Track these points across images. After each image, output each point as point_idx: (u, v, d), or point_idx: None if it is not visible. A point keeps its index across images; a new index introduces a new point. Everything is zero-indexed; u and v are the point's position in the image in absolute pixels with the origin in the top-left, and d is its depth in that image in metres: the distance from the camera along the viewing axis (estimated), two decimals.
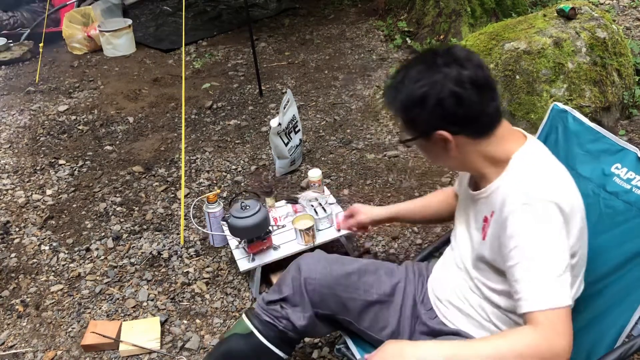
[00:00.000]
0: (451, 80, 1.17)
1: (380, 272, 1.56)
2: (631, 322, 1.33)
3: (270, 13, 5.46)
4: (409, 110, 1.22)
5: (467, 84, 1.17)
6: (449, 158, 1.26)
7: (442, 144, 1.23)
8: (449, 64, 1.18)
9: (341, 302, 1.51)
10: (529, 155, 1.23)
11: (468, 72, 1.18)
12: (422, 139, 1.26)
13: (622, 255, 1.39)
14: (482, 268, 1.30)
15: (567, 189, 1.21)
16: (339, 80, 4.02)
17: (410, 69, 1.22)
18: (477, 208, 1.33)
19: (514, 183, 1.19)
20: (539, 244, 1.12)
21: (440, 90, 1.16)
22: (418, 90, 1.18)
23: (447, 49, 1.22)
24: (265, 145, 3.26)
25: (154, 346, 2.03)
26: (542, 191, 1.15)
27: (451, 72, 1.17)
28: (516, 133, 1.29)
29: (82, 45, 4.83)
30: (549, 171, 1.22)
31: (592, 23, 3.24)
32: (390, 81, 1.27)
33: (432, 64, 1.19)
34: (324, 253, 1.59)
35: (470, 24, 4.30)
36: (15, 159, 3.29)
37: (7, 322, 2.19)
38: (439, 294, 1.45)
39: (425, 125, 1.21)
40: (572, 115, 1.60)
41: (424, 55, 1.24)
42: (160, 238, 2.57)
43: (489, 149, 1.24)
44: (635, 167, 1.44)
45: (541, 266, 1.11)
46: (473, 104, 1.18)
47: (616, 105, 3.23)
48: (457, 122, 1.19)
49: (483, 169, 1.27)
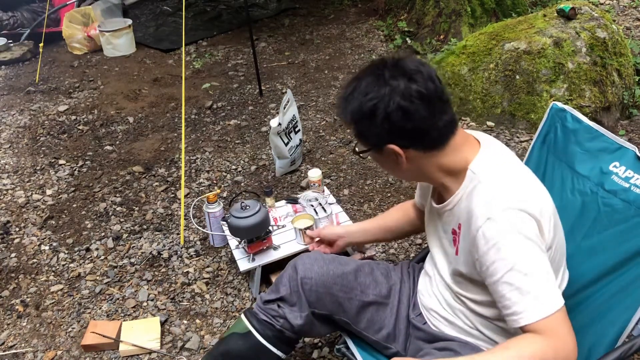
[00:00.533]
0: (398, 94, 1.14)
1: (376, 273, 1.56)
2: (631, 322, 1.33)
3: (270, 13, 5.46)
4: (359, 123, 1.20)
5: (415, 98, 1.14)
6: (402, 171, 1.24)
7: (393, 157, 1.21)
8: (396, 77, 1.15)
9: (338, 302, 1.51)
10: (485, 164, 1.20)
11: (416, 86, 1.15)
12: (374, 152, 1.24)
13: (621, 255, 1.39)
14: (461, 282, 1.28)
15: (531, 192, 1.18)
16: (339, 80, 4.02)
17: (361, 80, 1.20)
18: (443, 220, 1.31)
19: (476, 196, 1.16)
20: (515, 254, 1.09)
21: (388, 104, 1.14)
22: (367, 104, 1.16)
23: (396, 61, 1.19)
24: (265, 145, 3.26)
25: (154, 346, 2.03)
26: (505, 201, 1.12)
27: (399, 85, 1.14)
28: (471, 140, 1.25)
29: (82, 45, 4.83)
30: (508, 178, 1.18)
31: (592, 23, 3.24)
32: (342, 92, 1.24)
33: (380, 77, 1.17)
34: (321, 253, 1.59)
35: (470, 24, 4.30)
36: (15, 159, 3.29)
37: (7, 322, 2.19)
38: (425, 303, 1.44)
39: (376, 138, 1.20)
40: (570, 114, 1.60)
41: (373, 67, 1.21)
42: (160, 238, 2.58)
43: (444, 160, 1.21)
44: (634, 165, 1.44)
45: (524, 277, 1.08)
46: (421, 118, 1.15)
47: (616, 105, 3.23)
48: (406, 136, 1.17)
49: (441, 180, 1.25)
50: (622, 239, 1.40)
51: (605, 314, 1.39)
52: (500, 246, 1.09)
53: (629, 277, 1.37)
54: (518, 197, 1.13)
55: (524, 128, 3.18)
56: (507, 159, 1.24)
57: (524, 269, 1.08)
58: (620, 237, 1.40)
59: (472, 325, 1.32)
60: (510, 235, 1.09)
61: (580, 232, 1.48)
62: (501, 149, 1.27)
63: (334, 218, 2.29)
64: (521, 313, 1.08)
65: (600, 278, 1.41)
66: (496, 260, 1.10)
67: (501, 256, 1.09)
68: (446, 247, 1.32)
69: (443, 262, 1.35)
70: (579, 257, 1.47)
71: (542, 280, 1.08)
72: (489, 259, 1.12)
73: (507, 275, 1.09)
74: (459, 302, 1.32)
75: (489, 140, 1.27)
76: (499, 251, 1.10)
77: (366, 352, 1.55)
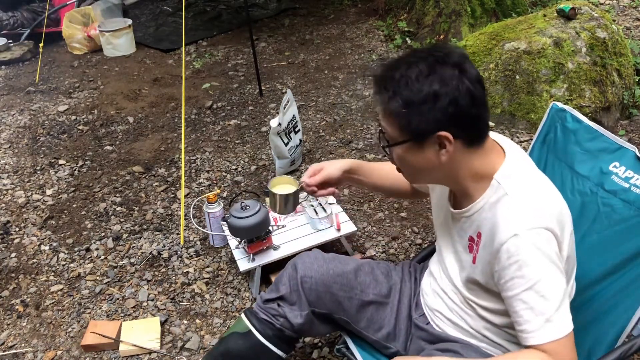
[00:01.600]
0: (468, 77, 1.11)
1: (376, 272, 1.56)
2: (631, 322, 1.33)
3: (270, 13, 5.46)
4: (414, 108, 1.12)
5: (478, 83, 1.13)
6: (436, 167, 1.18)
7: (435, 149, 1.15)
8: (458, 62, 1.12)
9: (338, 301, 1.51)
10: (511, 175, 1.18)
11: (475, 72, 1.13)
12: (413, 143, 1.16)
13: (621, 255, 1.39)
14: (474, 289, 1.28)
15: (555, 207, 1.16)
16: (339, 80, 4.02)
17: (413, 64, 1.13)
18: (459, 226, 1.29)
19: (502, 209, 1.15)
20: (536, 275, 1.09)
21: (457, 87, 1.10)
22: (430, 87, 1.10)
23: (449, 46, 1.18)
24: (265, 145, 3.26)
25: (154, 346, 2.03)
26: (532, 219, 1.11)
27: (464, 69, 1.12)
28: (497, 147, 1.24)
29: (82, 45, 4.83)
30: (535, 194, 1.16)
31: (592, 23, 3.24)
32: (386, 76, 1.16)
33: (442, 60, 1.12)
34: (321, 252, 1.59)
35: (470, 24, 4.30)
36: (15, 159, 3.29)
37: (7, 322, 2.19)
38: (429, 303, 1.44)
39: (429, 124, 1.12)
40: (570, 114, 1.60)
41: (430, 51, 1.15)
42: (160, 238, 2.58)
43: (476, 162, 1.19)
44: (634, 165, 1.44)
45: (540, 298, 1.09)
46: (482, 105, 1.14)
47: (616, 105, 3.23)
48: (463, 123, 1.12)
49: (466, 184, 1.22)
50: (622, 239, 1.40)
51: (605, 314, 1.39)
52: (522, 264, 1.09)
53: (629, 277, 1.37)
54: (544, 215, 1.12)
55: (524, 128, 3.18)
56: (531, 169, 1.23)
57: (542, 290, 1.09)
58: (620, 237, 1.40)
59: (477, 329, 1.31)
60: (533, 255, 1.09)
61: (580, 232, 1.48)
62: (523, 157, 1.25)
63: (334, 218, 2.29)
64: (531, 332, 1.10)
65: (600, 278, 1.42)
66: (516, 277, 1.10)
67: (522, 274, 1.10)
68: (460, 252, 1.31)
69: (455, 266, 1.34)
70: (578, 257, 1.46)
71: (557, 303, 1.09)
72: (509, 274, 1.11)
73: (524, 294, 1.10)
74: (468, 307, 1.31)
75: (511, 147, 1.25)
76: (520, 269, 1.10)
77: (366, 352, 1.55)
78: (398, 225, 2.57)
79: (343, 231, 2.27)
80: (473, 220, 1.23)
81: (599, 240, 1.45)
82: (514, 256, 1.10)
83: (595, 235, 1.46)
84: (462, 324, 1.34)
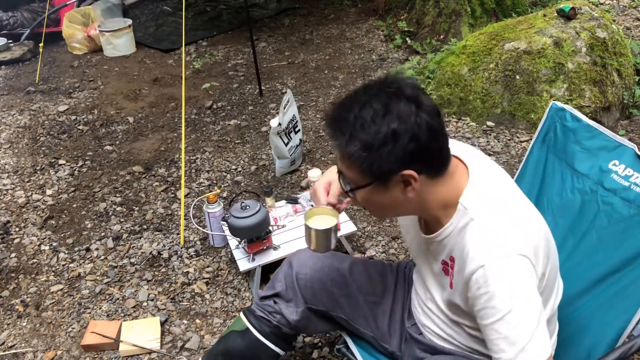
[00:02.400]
0: (425, 110, 1.07)
1: (371, 271, 1.56)
2: (632, 322, 1.33)
3: (270, 13, 5.46)
4: (374, 151, 1.06)
5: (435, 115, 1.08)
6: (403, 204, 1.15)
7: (400, 187, 1.11)
8: (413, 96, 1.08)
9: (334, 299, 1.51)
10: (476, 198, 1.15)
11: (430, 103, 1.09)
12: (376, 185, 1.12)
13: (622, 255, 1.38)
14: (457, 311, 1.25)
15: (525, 228, 1.13)
16: (339, 80, 4.02)
17: (368, 103, 1.08)
18: (432, 249, 1.27)
19: (470, 235, 1.12)
20: (506, 306, 1.06)
21: (415, 123, 1.05)
22: (388, 127, 1.05)
23: (399, 78, 1.11)
24: (265, 145, 3.26)
25: (154, 346, 2.03)
26: (500, 247, 1.08)
27: (419, 102, 1.07)
28: (459, 166, 1.19)
29: (82, 45, 4.83)
30: (501, 217, 1.12)
31: (592, 23, 3.24)
32: (343, 119, 1.09)
33: (396, 95, 1.07)
34: None
35: (470, 24, 4.30)
36: (15, 159, 3.29)
37: (7, 322, 2.19)
38: (420, 319, 1.42)
39: (391, 165, 1.07)
40: (570, 113, 1.60)
41: (381, 86, 1.10)
42: (160, 238, 2.57)
43: (443, 190, 1.15)
44: (633, 163, 1.44)
45: (513, 328, 1.06)
46: (441, 136, 1.10)
47: (616, 105, 3.23)
48: (425, 157, 1.09)
49: (435, 212, 1.18)
50: (622, 237, 1.40)
51: (605, 314, 1.39)
52: (491, 296, 1.07)
53: (629, 277, 1.37)
54: (512, 241, 1.09)
55: (524, 128, 3.18)
56: (497, 187, 1.19)
57: (514, 321, 1.06)
58: (620, 236, 1.40)
59: (467, 344, 1.30)
60: (502, 285, 1.06)
61: (580, 231, 1.48)
62: (490, 173, 1.21)
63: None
64: None
65: (600, 277, 1.41)
66: (487, 308, 1.08)
67: (492, 305, 1.07)
68: (437, 275, 1.29)
69: (436, 287, 1.31)
70: (578, 256, 1.47)
71: (530, 331, 1.06)
72: (480, 304, 1.09)
73: (497, 324, 1.07)
74: (455, 325, 1.30)
75: (475, 162, 1.21)
76: (489, 300, 1.07)
77: (366, 352, 1.55)
78: (398, 225, 2.57)
79: (343, 231, 2.27)
80: (445, 245, 1.21)
81: (599, 239, 1.44)
82: (482, 287, 1.08)
83: (595, 234, 1.46)
84: (452, 340, 1.32)
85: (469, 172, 1.18)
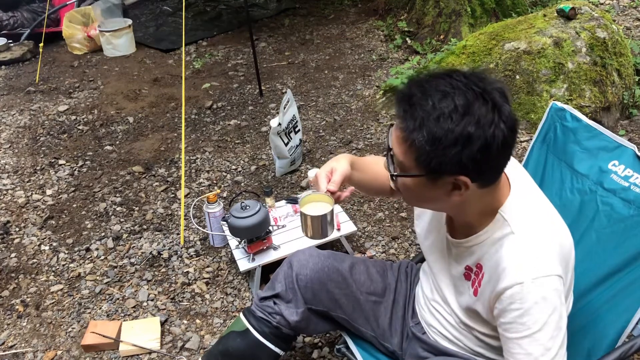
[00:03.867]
0: (505, 122, 0.99)
1: (372, 271, 1.56)
2: (632, 322, 1.33)
3: (270, 13, 5.46)
4: (439, 148, 0.99)
5: (512, 129, 1.01)
6: (444, 203, 1.10)
7: (448, 189, 1.06)
8: (498, 103, 0.99)
9: (334, 299, 1.51)
10: (518, 211, 1.12)
11: (513, 116, 1.00)
12: (427, 179, 1.05)
13: (621, 255, 1.38)
14: (474, 317, 1.24)
15: (561, 246, 1.11)
16: (339, 80, 4.02)
17: (451, 95, 0.99)
18: (457, 252, 1.25)
19: (508, 249, 1.10)
20: (537, 324, 1.06)
21: (493, 133, 0.98)
22: (464, 129, 0.97)
23: (487, 77, 1.03)
24: (265, 145, 3.26)
25: (154, 346, 2.03)
26: (540, 267, 1.06)
27: (502, 112, 0.99)
28: (503, 177, 1.15)
29: (82, 45, 4.83)
30: (543, 234, 1.10)
31: (592, 23, 3.24)
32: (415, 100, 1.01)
33: (482, 96, 0.99)
34: (317, 249, 1.59)
35: (470, 24, 4.30)
36: (15, 159, 3.29)
37: (7, 322, 2.19)
38: (425, 319, 1.41)
39: (451, 167, 1.00)
40: (570, 113, 1.60)
41: (465, 82, 1.01)
42: (160, 238, 2.58)
43: (487, 199, 1.12)
44: (633, 164, 1.44)
45: (539, 346, 1.06)
46: (508, 153, 1.05)
47: (616, 105, 3.23)
48: (487, 168, 1.03)
49: (470, 218, 1.15)
50: (622, 238, 1.40)
51: (606, 313, 1.39)
52: (524, 313, 1.06)
53: (629, 277, 1.37)
54: (552, 261, 1.08)
55: (524, 128, 3.18)
56: (537, 202, 1.18)
57: (541, 339, 1.06)
58: (620, 236, 1.40)
59: (473, 348, 1.30)
60: (537, 305, 1.06)
61: (579, 231, 1.48)
62: (529, 187, 1.20)
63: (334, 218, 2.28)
64: None
65: (600, 278, 1.41)
66: (516, 323, 1.08)
67: (523, 321, 1.07)
68: (456, 277, 1.27)
69: (451, 289, 1.30)
70: (578, 256, 1.45)
71: (555, 351, 1.07)
72: (509, 317, 1.09)
73: (523, 340, 1.07)
74: (465, 329, 1.29)
75: (517, 175, 1.18)
76: (522, 316, 1.07)
77: (366, 352, 1.55)
78: (398, 225, 2.57)
79: (343, 231, 2.27)
80: (472, 252, 1.18)
81: (598, 239, 1.44)
82: (516, 303, 1.07)
83: (594, 234, 1.45)
84: (459, 342, 1.32)
85: (511, 184, 1.16)
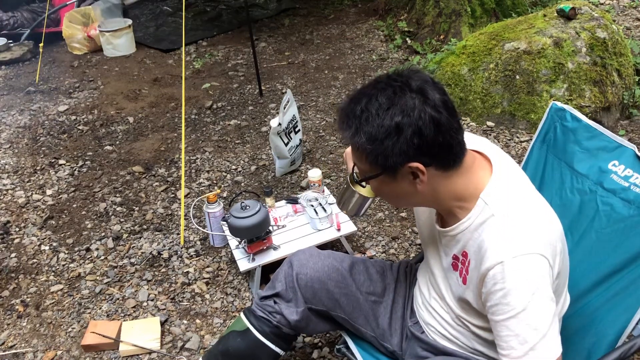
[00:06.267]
0: (429, 105, 1.06)
1: (371, 271, 1.56)
2: (632, 322, 1.33)
3: (270, 13, 5.46)
4: (378, 143, 1.08)
5: (442, 108, 1.07)
6: (415, 194, 1.16)
7: (409, 179, 1.13)
8: (419, 88, 1.08)
9: (334, 298, 1.51)
10: (499, 194, 1.14)
11: (439, 96, 1.08)
12: (386, 176, 1.14)
13: (621, 255, 1.38)
14: (466, 308, 1.25)
15: (545, 229, 1.12)
16: (339, 80, 4.02)
17: (372, 97, 1.09)
18: (444, 242, 1.27)
19: (489, 232, 1.11)
20: (521, 303, 1.06)
21: (419, 117, 1.05)
22: (393, 119, 1.06)
23: (409, 71, 1.12)
24: (265, 145, 3.26)
25: (154, 346, 2.03)
26: (521, 245, 1.07)
27: (426, 95, 1.07)
28: (482, 162, 1.20)
29: (82, 45, 4.83)
30: (523, 215, 1.12)
31: (592, 23, 3.24)
32: (348, 111, 1.12)
33: (401, 89, 1.08)
34: (317, 249, 1.60)
35: (470, 24, 4.30)
36: (15, 159, 3.29)
37: (7, 322, 2.19)
38: (423, 317, 1.42)
39: (396, 157, 1.09)
40: (570, 113, 1.60)
41: (383, 82, 1.11)
42: (160, 238, 2.58)
43: (457, 183, 1.15)
44: (633, 164, 1.43)
45: (526, 326, 1.06)
46: (450, 130, 1.09)
47: (616, 105, 3.23)
48: (432, 152, 1.09)
49: (449, 204, 1.18)
50: (622, 238, 1.39)
51: (606, 314, 1.39)
52: (507, 292, 1.07)
53: (629, 278, 1.37)
54: (534, 240, 1.09)
55: (524, 128, 3.18)
56: (520, 186, 1.19)
57: (527, 319, 1.06)
58: (620, 237, 1.40)
59: (471, 345, 1.30)
60: (519, 283, 1.06)
61: (579, 231, 1.48)
62: (513, 172, 1.21)
63: (334, 218, 2.29)
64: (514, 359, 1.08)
65: (600, 278, 1.41)
66: (501, 304, 1.08)
67: (507, 301, 1.07)
68: (446, 269, 1.29)
69: (445, 282, 1.31)
70: (577, 256, 1.46)
71: (543, 331, 1.06)
72: (494, 299, 1.09)
73: (509, 321, 1.08)
74: (460, 325, 1.30)
75: (500, 160, 1.20)
76: (505, 296, 1.07)
77: (366, 352, 1.55)
78: (398, 225, 2.57)
79: (343, 231, 2.27)
80: (458, 240, 1.20)
81: (598, 239, 1.44)
82: (499, 283, 1.07)
83: (594, 234, 1.45)
84: (456, 340, 1.32)
85: (493, 169, 1.18)
